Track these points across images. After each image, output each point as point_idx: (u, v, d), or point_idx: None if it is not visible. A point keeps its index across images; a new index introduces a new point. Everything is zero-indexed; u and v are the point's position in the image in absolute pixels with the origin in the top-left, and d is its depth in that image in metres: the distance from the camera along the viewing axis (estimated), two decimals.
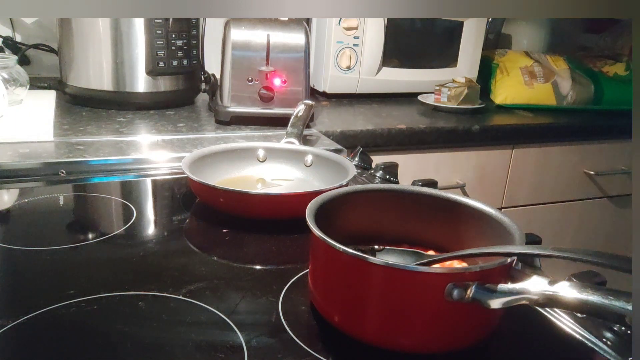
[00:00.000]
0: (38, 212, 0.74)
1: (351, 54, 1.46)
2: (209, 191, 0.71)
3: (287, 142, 0.88)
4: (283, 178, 0.85)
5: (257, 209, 0.71)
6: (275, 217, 0.70)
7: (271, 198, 0.72)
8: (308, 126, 1.00)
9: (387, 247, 0.57)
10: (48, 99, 1.20)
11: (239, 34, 1.13)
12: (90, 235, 0.67)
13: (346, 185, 0.70)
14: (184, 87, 1.29)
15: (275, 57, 1.13)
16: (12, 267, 0.59)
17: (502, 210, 1.18)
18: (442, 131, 1.31)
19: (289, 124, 0.94)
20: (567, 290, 0.40)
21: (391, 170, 0.88)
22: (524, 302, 0.42)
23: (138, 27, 1.17)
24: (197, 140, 1.03)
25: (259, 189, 0.81)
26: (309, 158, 0.85)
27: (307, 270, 0.54)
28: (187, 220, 0.72)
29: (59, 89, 1.27)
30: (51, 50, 1.43)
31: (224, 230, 0.69)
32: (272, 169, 0.86)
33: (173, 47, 1.21)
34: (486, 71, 1.67)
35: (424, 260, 0.52)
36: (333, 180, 0.77)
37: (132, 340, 0.47)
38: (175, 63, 1.22)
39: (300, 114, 0.96)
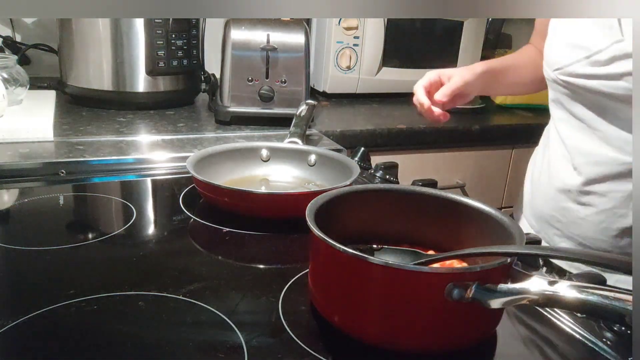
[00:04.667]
0: (38, 212, 0.74)
1: (351, 54, 1.46)
2: (214, 191, 0.71)
3: (290, 141, 0.88)
4: (286, 178, 0.85)
5: (262, 208, 0.71)
6: (280, 216, 0.70)
7: (276, 197, 0.73)
8: (309, 126, 1.00)
9: (386, 246, 0.57)
10: (48, 99, 1.19)
11: (239, 34, 1.13)
12: (90, 235, 0.67)
13: (350, 184, 0.70)
14: (184, 87, 1.29)
15: (275, 57, 1.13)
16: (12, 267, 0.59)
17: (502, 210, 1.19)
18: (442, 131, 1.31)
19: (292, 124, 0.94)
20: (567, 290, 0.40)
21: (391, 170, 0.88)
22: (524, 302, 0.42)
23: (138, 27, 1.17)
24: (197, 140, 1.03)
25: (263, 189, 0.81)
26: (312, 158, 0.86)
27: (307, 270, 0.54)
28: (187, 220, 0.72)
29: (59, 89, 1.27)
30: (51, 50, 1.42)
31: (224, 231, 0.69)
32: (275, 169, 0.86)
33: (173, 47, 1.20)
34: None
35: (424, 260, 0.52)
36: (336, 180, 0.77)
37: (132, 340, 0.47)
38: (175, 63, 1.22)
39: (302, 113, 0.96)
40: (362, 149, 0.95)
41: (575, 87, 0.72)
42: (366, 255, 0.44)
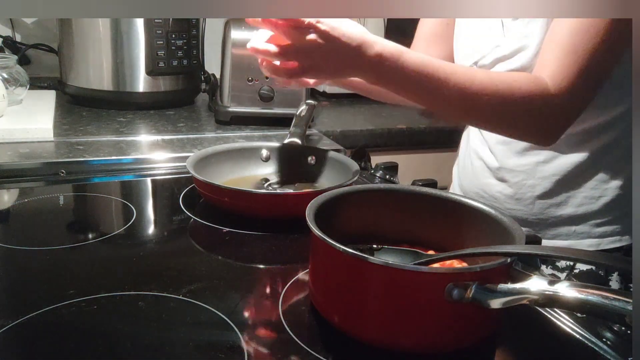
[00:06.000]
0: (38, 212, 0.74)
1: None
2: (214, 191, 0.71)
3: (290, 141, 0.88)
4: (286, 178, 0.85)
5: (262, 208, 0.71)
6: (280, 216, 0.70)
7: (276, 197, 0.73)
8: (309, 126, 1.00)
9: (386, 246, 0.57)
10: (48, 99, 1.20)
11: (239, 34, 1.13)
12: (90, 235, 0.67)
13: (350, 184, 0.70)
14: (184, 87, 1.29)
15: None
16: (12, 267, 0.59)
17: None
18: (442, 131, 1.31)
19: (292, 124, 0.94)
20: (567, 290, 0.40)
21: (391, 170, 0.88)
22: (524, 302, 0.42)
23: (138, 27, 1.17)
24: (197, 140, 1.03)
25: (263, 189, 0.81)
26: (312, 158, 0.86)
27: (307, 270, 0.54)
28: (187, 220, 0.72)
29: (59, 89, 1.27)
30: (51, 50, 1.42)
31: (224, 230, 0.69)
32: (275, 169, 0.86)
33: (173, 47, 1.20)
34: None
35: (424, 260, 0.52)
36: (336, 180, 0.77)
37: (132, 340, 0.47)
38: (175, 63, 1.22)
39: (302, 113, 0.96)
40: (364, 149, 0.95)
41: None
42: (366, 255, 0.44)
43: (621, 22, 0.61)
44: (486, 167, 0.85)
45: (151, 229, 0.71)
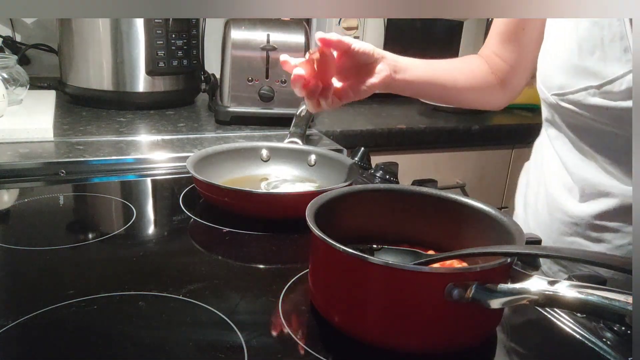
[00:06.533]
0: (38, 212, 0.74)
1: None
2: (214, 191, 0.71)
3: (290, 141, 0.88)
4: (286, 178, 0.85)
5: (262, 208, 0.71)
6: (280, 216, 0.70)
7: (276, 197, 0.73)
8: (309, 126, 1.01)
9: (386, 246, 0.57)
10: (48, 99, 1.19)
11: (239, 34, 1.13)
12: (90, 235, 0.67)
13: (350, 184, 0.70)
14: (184, 87, 1.29)
15: (275, 57, 1.13)
16: (12, 267, 0.59)
17: (502, 210, 1.19)
18: (442, 131, 1.31)
19: (292, 124, 0.94)
20: (567, 290, 0.40)
21: (391, 170, 0.88)
22: (524, 302, 0.42)
23: (138, 27, 1.17)
24: (197, 140, 1.03)
25: (263, 189, 0.81)
26: (312, 158, 0.86)
27: (307, 270, 0.54)
28: (187, 220, 0.72)
29: (59, 89, 1.27)
30: (51, 50, 1.43)
31: (224, 231, 0.69)
32: (275, 169, 0.86)
33: (173, 47, 1.21)
34: None
35: (423, 260, 0.52)
36: (336, 180, 0.77)
37: (132, 340, 0.47)
38: (175, 63, 1.22)
39: (302, 113, 0.96)
40: (362, 149, 0.95)
41: (582, 117, 0.62)
42: (366, 255, 0.44)
43: None
44: (574, 222, 0.66)
45: (151, 229, 0.71)
